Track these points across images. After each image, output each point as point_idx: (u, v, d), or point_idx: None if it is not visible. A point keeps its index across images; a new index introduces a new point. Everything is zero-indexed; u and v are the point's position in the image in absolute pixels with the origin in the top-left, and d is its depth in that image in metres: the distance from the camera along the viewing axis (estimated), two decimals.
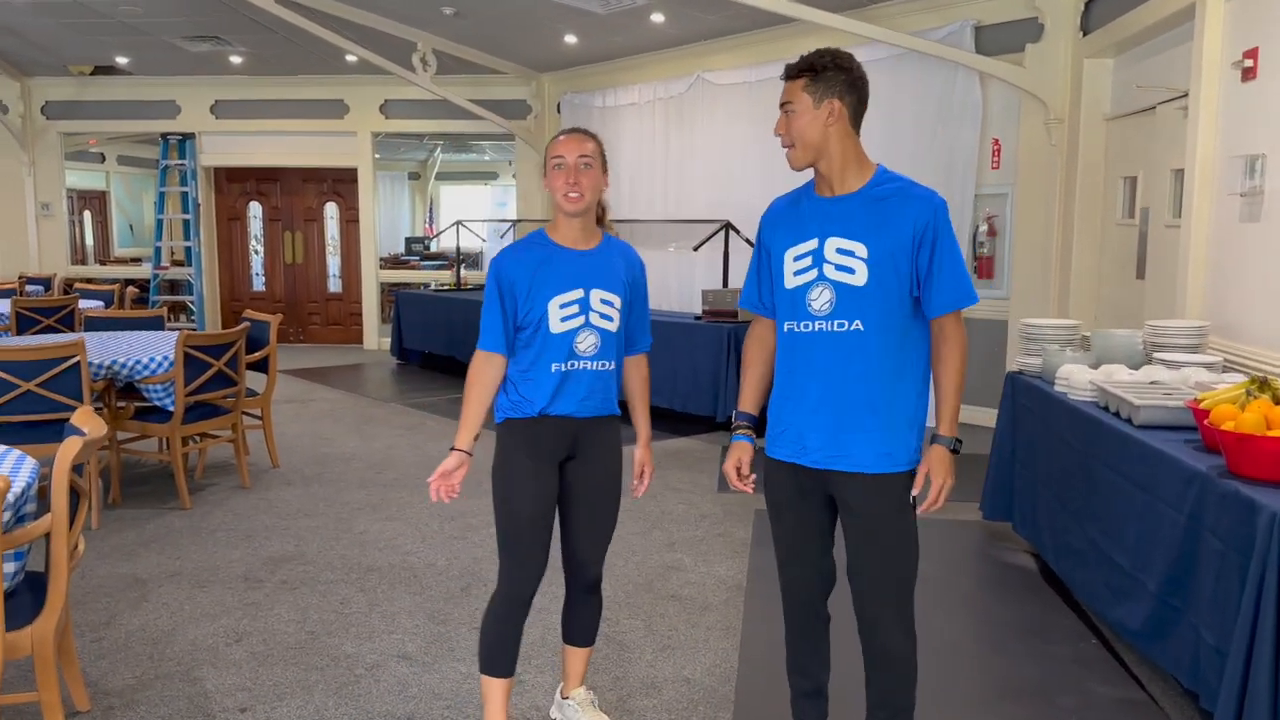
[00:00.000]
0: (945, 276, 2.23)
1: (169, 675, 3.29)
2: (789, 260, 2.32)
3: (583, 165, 2.53)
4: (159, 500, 5.34)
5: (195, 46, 9.86)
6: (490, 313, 2.60)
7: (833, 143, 2.26)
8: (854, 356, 2.25)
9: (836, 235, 2.26)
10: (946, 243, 2.24)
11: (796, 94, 2.26)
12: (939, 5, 7.04)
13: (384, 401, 8.38)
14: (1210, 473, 2.70)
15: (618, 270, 2.65)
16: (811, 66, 2.26)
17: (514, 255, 2.60)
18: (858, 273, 2.23)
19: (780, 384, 2.41)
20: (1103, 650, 3.48)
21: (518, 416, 2.62)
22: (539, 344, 2.58)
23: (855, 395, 2.26)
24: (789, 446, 2.37)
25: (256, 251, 12.38)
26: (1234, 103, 4.36)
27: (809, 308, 2.29)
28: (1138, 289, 5.65)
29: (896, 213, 2.23)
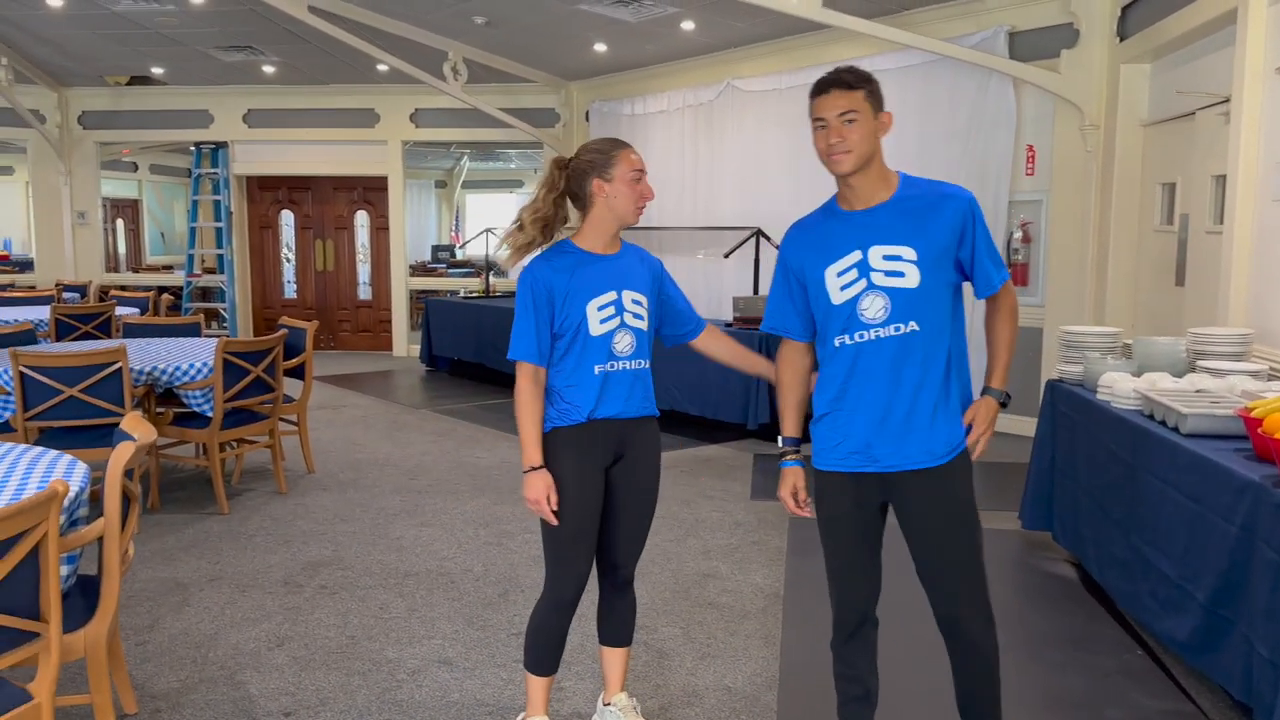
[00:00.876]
0: (987, 260, 2.37)
1: (213, 679, 3.31)
2: (831, 277, 2.36)
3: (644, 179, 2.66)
4: (197, 505, 5.38)
5: (229, 56, 9.97)
6: (526, 324, 2.61)
7: (878, 153, 2.35)
8: (914, 356, 2.32)
9: (880, 243, 2.32)
10: (982, 230, 2.37)
11: (860, 103, 2.29)
12: (973, 11, 7.01)
13: (415, 408, 8.42)
14: (1264, 482, 2.66)
15: (641, 272, 2.72)
16: (867, 79, 2.33)
17: (549, 263, 2.64)
18: (909, 275, 2.30)
19: (834, 397, 2.41)
20: (1148, 661, 3.43)
21: (565, 424, 2.64)
22: (579, 348, 2.61)
23: (920, 394, 2.34)
24: (849, 458, 2.40)
25: (288, 259, 12.49)
26: (1277, 108, 4.31)
27: (862, 318, 2.33)
28: (1177, 296, 5.59)
29: (936, 213, 2.33)
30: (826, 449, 2.45)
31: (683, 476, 6.04)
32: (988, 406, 2.40)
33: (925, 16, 7.20)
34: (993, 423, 2.41)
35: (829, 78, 2.33)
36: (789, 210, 8.58)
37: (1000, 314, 2.44)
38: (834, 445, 2.42)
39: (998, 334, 2.45)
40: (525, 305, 2.61)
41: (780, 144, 8.49)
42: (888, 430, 2.35)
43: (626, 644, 2.88)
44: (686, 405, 7.42)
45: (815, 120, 2.34)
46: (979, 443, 2.39)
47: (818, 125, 2.33)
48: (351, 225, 12.32)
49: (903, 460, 2.35)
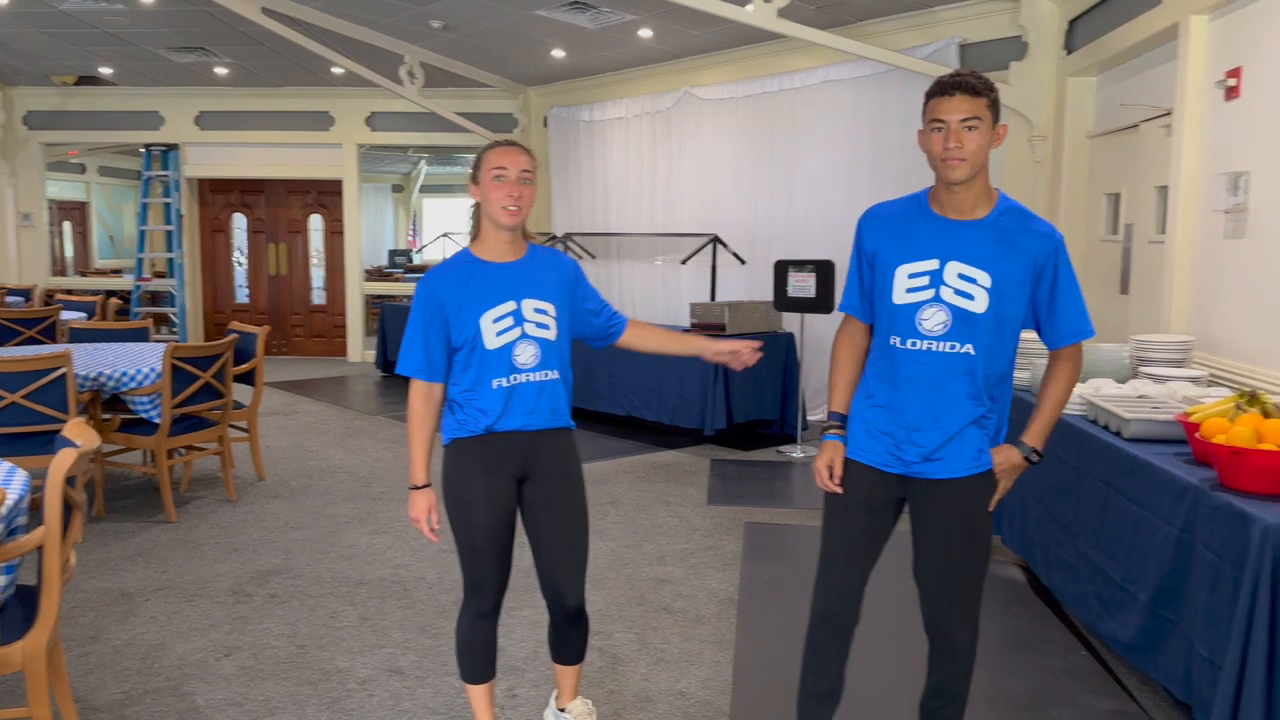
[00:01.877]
0: (1066, 310, 2.32)
1: (158, 690, 3.25)
2: (901, 276, 2.34)
3: (524, 180, 2.52)
4: (144, 514, 5.29)
5: (180, 57, 9.82)
6: (414, 338, 2.55)
7: (986, 165, 2.30)
8: (961, 378, 2.31)
9: (959, 260, 2.29)
10: (1066, 276, 2.31)
11: (983, 111, 2.23)
12: (925, 23, 7.12)
13: (369, 414, 8.34)
14: (1203, 485, 2.72)
15: (548, 278, 2.63)
16: (992, 86, 2.26)
17: (440, 275, 2.56)
18: (977, 299, 2.27)
19: (875, 392, 2.42)
20: (1093, 662, 3.50)
21: (466, 435, 2.58)
22: (476, 362, 2.55)
23: (959, 413, 2.33)
24: (881, 454, 2.41)
25: (240, 263, 12.32)
26: (1217, 121, 4.42)
27: (919, 327, 2.32)
28: (1122, 304, 5.71)
29: (1020, 245, 2.28)
30: (857, 438, 2.45)
31: (639, 482, 6.05)
32: (1013, 458, 2.37)
33: (879, 28, 7.30)
34: (1015, 474, 2.40)
35: (953, 80, 2.24)
36: (746, 217, 8.76)
37: (1062, 372, 2.38)
38: (865, 437, 2.42)
39: (1052, 391, 2.39)
40: (414, 319, 2.56)
41: (737, 152, 8.54)
42: (920, 437, 2.35)
43: (580, 660, 2.85)
44: (644, 411, 7.43)
45: (933, 121, 2.26)
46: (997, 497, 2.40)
47: (934, 127, 2.25)
48: (305, 229, 12.19)
49: (928, 468, 2.36)
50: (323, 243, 12.20)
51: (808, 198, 7.97)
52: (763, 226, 8.29)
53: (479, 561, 2.61)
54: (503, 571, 2.65)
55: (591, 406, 7.77)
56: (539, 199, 10.90)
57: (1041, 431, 2.39)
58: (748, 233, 8.37)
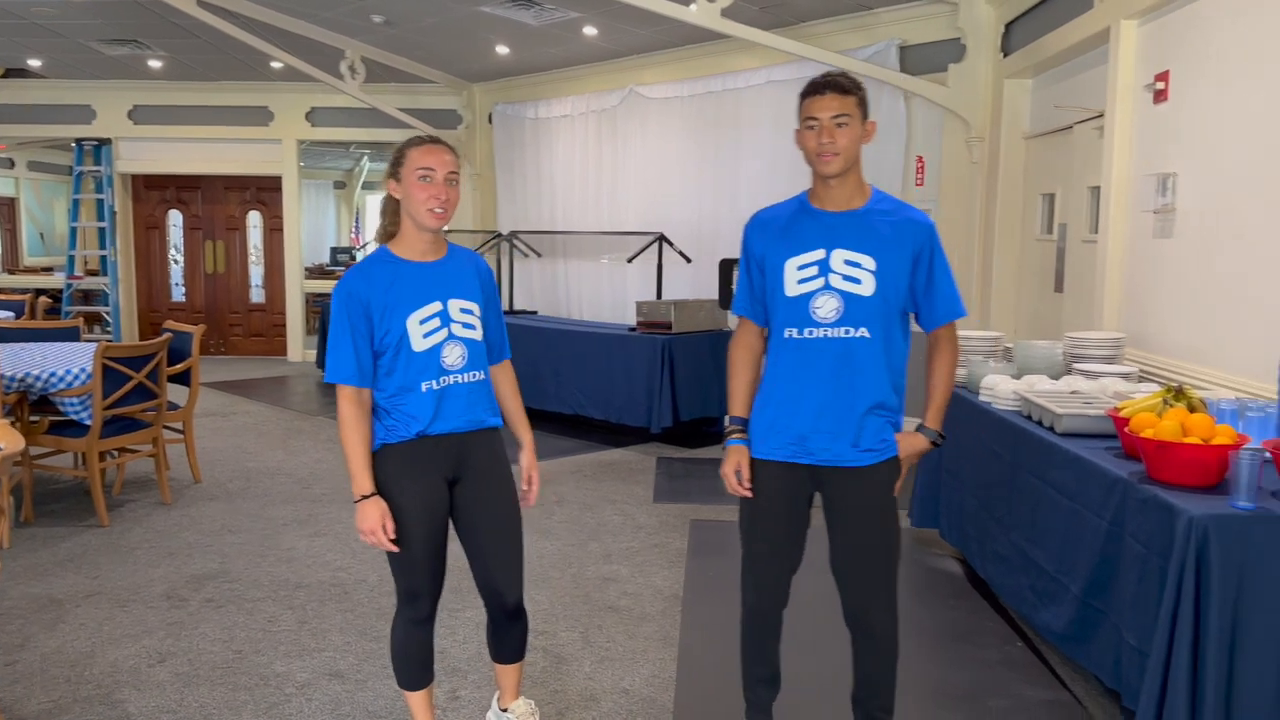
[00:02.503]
0: (942, 293, 2.47)
1: (88, 699, 3.17)
2: (790, 269, 2.44)
3: (450, 181, 2.46)
4: (75, 518, 5.15)
5: (113, 50, 9.58)
6: (342, 344, 2.45)
7: (859, 160, 2.45)
8: (858, 361, 2.42)
9: (844, 248, 2.42)
10: (941, 261, 2.47)
11: (852, 108, 2.37)
12: (865, 25, 7.20)
13: (310, 415, 8.22)
14: (1131, 479, 2.79)
15: (470, 277, 2.58)
16: (860, 86, 2.41)
17: (362, 276, 2.47)
18: (864, 283, 2.40)
19: (777, 388, 2.49)
20: (1029, 653, 3.57)
21: (395, 440, 2.50)
22: (403, 365, 2.47)
23: (860, 397, 2.43)
24: (788, 448, 2.48)
25: (176, 261, 12.05)
26: (1147, 123, 4.54)
27: (813, 315, 2.42)
28: (1056, 302, 5.84)
29: (899, 231, 2.43)
30: (765, 437, 2.51)
31: (585, 481, 6.04)
32: (917, 444, 2.50)
33: (820, 29, 7.37)
34: (916, 459, 2.53)
35: (824, 80, 2.39)
36: (691, 216, 8.78)
37: (943, 354, 2.53)
38: (772, 434, 2.49)
39: (939, 373, 2.53)
40: (339, 324, 2.45)
41: (683, 151, 8.56)
42: (824, 426, 2.44)
43: (521, 658, 2.82)
44: (590, 410, 7.41)
45: (807, 119, 2.39)
46: (900, 480, 2.51)
47: (809, 125, 2.39)
48: (244, 226, 11.96)
49: (835, 456, 2.45)
50: (262, 240, 11.98)
51: (752, 197, 8.01)
52: (708, 225, 8.32)
53: (413, 569, 2.55)
54: (437, 578, 2.60)
55: (538, 405, 7.73)
56: (485, 197, 10.83)
57: (938, 414, 2.53)
58: (693, 231, 8.39)
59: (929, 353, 2.54)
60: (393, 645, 2.68)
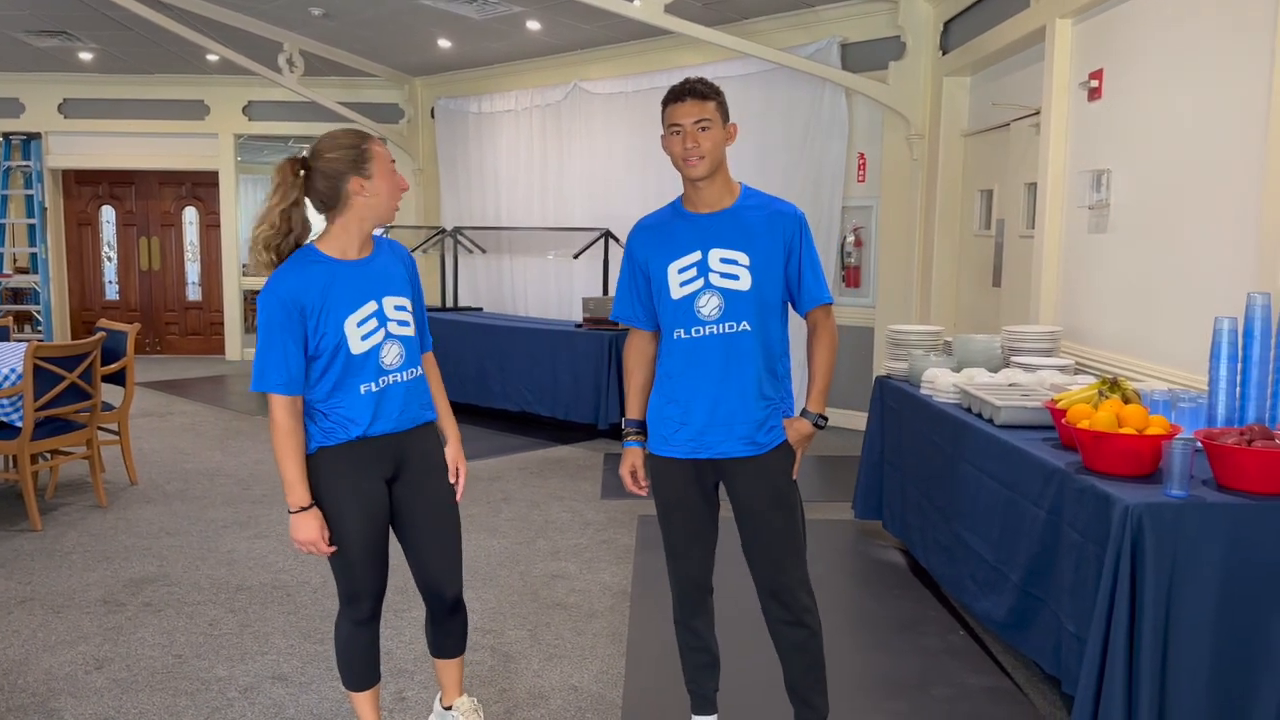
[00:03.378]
0: (810, 278, 2.56)
1: (22, 707, 3.08)
2: (673, 273, 2.53)
3: None
4: (6, 522, 5.00)
5: (41, 41, 9.30)
6: (274, 350, 2.32)
7: (724, 161, 2.53)
8: (744, 354, 2.51)
9: (719, 246, 2.51)
10: (809, 249, 2.57)
11: (712, 112, 2.46)
12: (807, 22, 7.26)
13: (249, 415, 8.07)
14: (1068, 469, 2.86)
15: (398, 272, 2.54)
16: (718, 91, 2.50)
17: (295, 279, 2.34)
18: (742, 279, 2.49)
19: (670, 387, 2.58)
20: (970, 641, 3.64)
21: (332, 443, 2.43)
22: (339, 369, 2.39)
23: (748, 388, 2.52)
24: (685, 444, 2.56)
25: (109, 258, 11.74)
26: (1082, 120, 4.64)
27: (698, 314, 2.51)
28: (994, 296, 5.95)
29: (769, 225, 2.52)
30: (665, 435, 2.59)
31: (532, 478, 6.02)
32: (801, 430, 2.57)
33: (763, 26, 7.41)
34: (807, 442, 2.60)
35: (684, 87, 2.48)
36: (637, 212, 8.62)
37: (820, 339, 2.60)
38: (672, 432, 2.58)
39: (816, 358, 2.61)
40: (271, 328, 2.32)
41: (628, 146, 8.56)
42: (718, 419, 2.52)
43: (462, 653, 2.80)
44: (537, 407, 7.39)
45: (671, 126, 2.47)
46: (796, 465, 2.59)
47: (673, 131, 2.47)
48: (179, 222, 11.70)
49: (731, 448, 2.53)
50: (198, 237, 11.74)
51: None
52: None
53: (354, 571, 2.51)
54: (380, 578, 2.57)
55: (484, 403, 7.68)
56: (428, 192, 10.72)
57: (820, 398, 2.60)
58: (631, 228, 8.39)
59: (808, 341, 2.62)
60: (337, 646, 2.65)
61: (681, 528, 2.64)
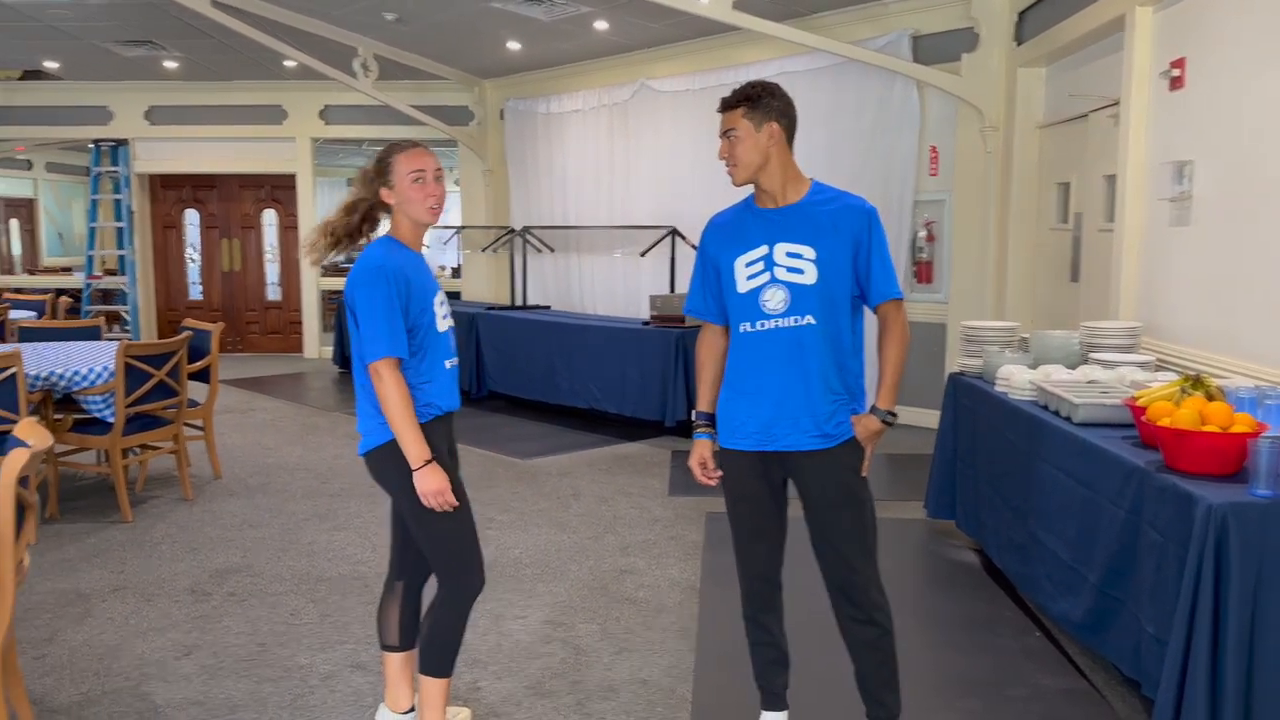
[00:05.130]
0: (879, 273, 2.55)
1: (117, 691, 3.22)
2: (740, 267, 2.56)
3: (439, 178, 2.65)
4: (99, 514, 5.21)
5: (128, 51, 9.64)
6: (393, 317, 2.52)
7: (774, 161, 2.54)
8: (809, 347, 2.52)
9: (784, 241, 2.53)
10: (879, 244, 2.56)
11: (737, 121, 2.52)
12: (877, 15, 7.18)
13: (327, 411, 8.27)
14: (1149, 467, 2.80)
15: None
16: (748, 96, 2.53)
17: (397, 258, 2.60)
18: (807, 273, 2.51)
19: (738, 380, 2.61)
20: (1046, 642, 3.58)
21: (424, 420, 2.64)
22: (431, 345, 2.65)
23: (813, 381, 2.53)
24: (754, 436, 2.58)
25: (193, 259, 12.14)
26: (1163, 110, 4.52)
27: (763, 308, 2.53)
28: (1072, 291, 5.82)
29: (837, 220, 2.53)
30: (732, 428, 2.62)
31: (601, 475, 6.07)
32: (869, 427, 2.56)
33: (832, 20, 7.35)
34: (876, 439, 2.58)
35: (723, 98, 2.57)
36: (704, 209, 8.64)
37: (890, 334, 2.59)
38: (739, 425, 2.60)
39: (887, 354, 2.60)
40: (385, 297, 2.50)
41: (694, 144, 8.56)
42: (785, 413, 2.53)
43: None
44: (605, 404, 7.44)
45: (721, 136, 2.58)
46: (866, 463, 2.58)
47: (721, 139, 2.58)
48: (259, 224, 12.04)
49: (797, 440, 2.54)
50: (277, 238, 12.06)
51: None
52: None
53: (470, 541, 2.70)
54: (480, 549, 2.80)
55: (553, 400, 7.76)
56: (497, 193, 10.86)
57: (889, 394, 2.59)
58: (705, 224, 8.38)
59: (878, 337, 2.61)
60: (435, 632, 2.69)
61: (748, 521, 2.66)
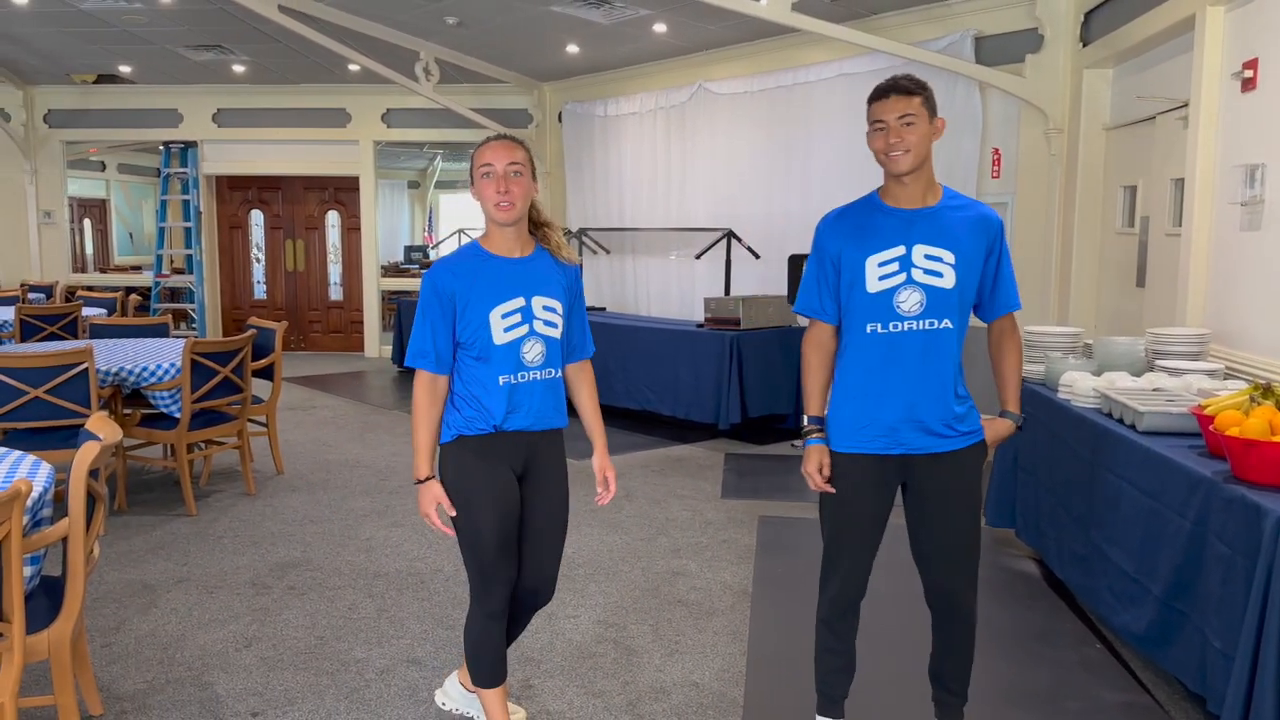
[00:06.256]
0: (1005, 285, 2.60)
1: (180, 680, 3.31)
2: (871, 266, 2.51)
3: (513, 173, 2.50)
4: (164, 507, 5.35)
5: (198, 55, 9.90)
6: (424, 330, 2.54)
7: (930, 157, 2.53)
8: (943, 351, 2.51)
9: (923, 243, 2.50)
10: (1007, 256, 2.60)
11: (918, 108, 2.46)
12: (939, 16, 7.10)
13: (386, 409, 8.40)
14: (1216, 478, 2.73)
15: (555, 276, 2.63)
16: (924, 86, 2.50)
17: (449, 266, 2.54)
18: (945, 277, 2.49)
19: (861, 382, 2.55)
20: (1107, 655, 3.50)
21: (471, 433, 2.57)
22: (483, 357, 2.53)
23: (946, 385, 2.52)
24: (875, 440, 2.54)
25: (258, 259, 12.41)
26: (1234, 112, 4.40)
27: (897, 309, 2.49)
28: (1137, 297, 5.69)
29: (974, 228, 2.52)
30: (851, 431, 2.57)
31: (654, 476, 6.07)
32: (1002, 429, 2.64)
33: (893, 21, 7.28)
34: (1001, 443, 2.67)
35: (888, 84, 2.48)
36: (760, 212, 8.75)
37: (1012, 342, 2.66)
38: (861, 428, 2.55)
39: (1010, 360, 2.65)
40: (423, 310, 2.54)
41: (751, 146, 8.54)
42: (914, 416, 2.51)
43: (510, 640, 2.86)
44: (658, 405, 7.45)
45: (875, 123, 2.49)
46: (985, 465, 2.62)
47: (877, 127, 2.48)
48: (322, 225, 12.27)
49: (927, 444, 2.53)
50: (339, 239, 12.28)
51: (822, 191, 7.96)
52: (777, 220, 8.28)
53: (488, 558, 2.59)
54: (512, 568, 2.65)
55: (606, 401, 7.79)
56: (555, 195, 10.93)
57: (1018, 399, 2.67)
58: (762, 227, 8.37)
59: (995, 343, 2.67)
60: (468, 643, 2.70)
61: (858, 525, 2.59)
